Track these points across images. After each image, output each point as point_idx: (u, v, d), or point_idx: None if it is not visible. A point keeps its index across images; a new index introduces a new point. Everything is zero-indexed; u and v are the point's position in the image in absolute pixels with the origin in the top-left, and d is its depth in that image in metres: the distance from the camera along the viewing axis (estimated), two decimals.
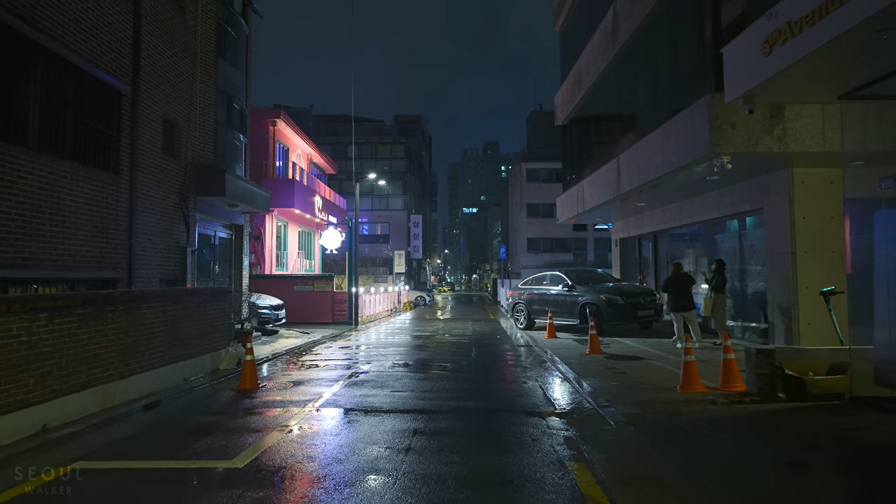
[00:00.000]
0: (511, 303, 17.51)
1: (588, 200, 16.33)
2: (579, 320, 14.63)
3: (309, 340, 14.00)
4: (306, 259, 26.65)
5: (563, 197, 19.85)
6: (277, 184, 20.87)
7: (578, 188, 17.50)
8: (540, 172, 45.28)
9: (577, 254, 44.71)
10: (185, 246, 10.14)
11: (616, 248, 20.07)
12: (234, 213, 12.70)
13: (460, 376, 8.91)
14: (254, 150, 21.11)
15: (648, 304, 14.11)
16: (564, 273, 15.77)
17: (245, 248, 13.42)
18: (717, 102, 8.79)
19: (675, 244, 15.86)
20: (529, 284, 16.90)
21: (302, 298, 18.92)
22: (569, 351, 11.47)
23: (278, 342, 13.35)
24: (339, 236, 18.97)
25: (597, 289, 14.53)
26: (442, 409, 6.64)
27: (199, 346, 8.80)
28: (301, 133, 24.40)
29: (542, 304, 15.94)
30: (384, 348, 12.53)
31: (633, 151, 12.53)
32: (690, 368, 7.33)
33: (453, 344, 13.34)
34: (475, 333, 16.13)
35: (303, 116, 43.04)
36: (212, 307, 9.21)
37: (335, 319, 18.96)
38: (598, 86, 15.77)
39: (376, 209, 45.30)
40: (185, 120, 10.28)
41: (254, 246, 20.82)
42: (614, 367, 9.35)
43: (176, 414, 6.60)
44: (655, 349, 11.31)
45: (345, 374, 9.03)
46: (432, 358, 10.90)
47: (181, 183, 10.09)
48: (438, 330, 17.27)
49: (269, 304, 14.47)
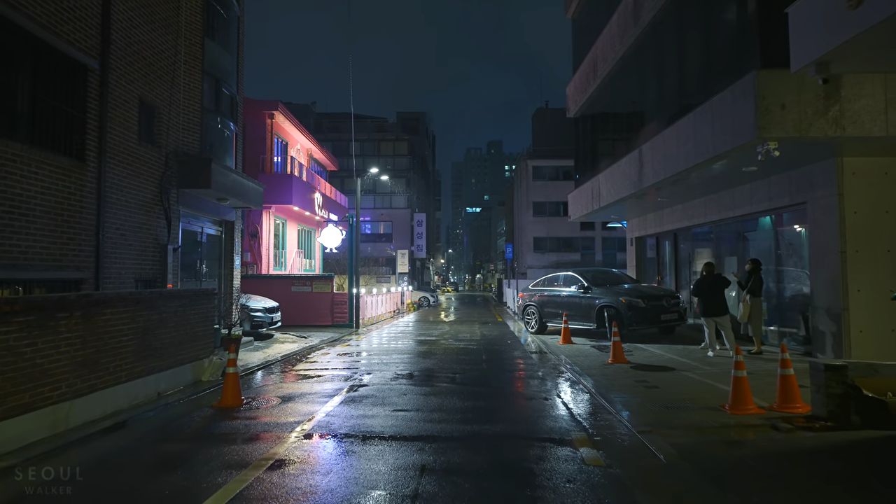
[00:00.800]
0: (521, 305, 16.49)
1: (604, 196, 15.28)
2: (596, 324, 13.60)
3: (305, 346, 13.00)
4: (306, 258, 25.66)
5: (576, 193, 18.80)
6: (275, 179, 19.89)
7: (593, 183, 16.45)
8: (546, 170, 44.22)
9: (585, 253, 43.63)
10: (165, 243, 9.14)
11: (631, 248, 19.02)
12: (224, 208, 11.71)
13: (471, 390, 7.88)
14: (250, 144, 20.15)
15: (672, 308, 13.07)
16: (579, 273, 14.73)
17: (236, 246, 12.43)
18: (764, 80, 7.74)
19: (699, 243, 14.80)
20: (541, 285, 15.87)
21: (300, 300, 17.92)
22: (588, 359, 10.44)
23: (272, 348, 12.34)
24: (339, 234, 17.99)
25: (615, 290, 13.49)
26: (453, 434, 5.62)
27: (177, 356, 7.80)
28: (300, 127, 23.42)
29: (555, 307, 14.92)
30: (386, 355, 11.51)
31: (657, 141, 11.49)
32: (742, 386, 6.30)
33: (461, 350, 12.31)
34: (483, 338, 15.11)
35: (304, 113, 42.09)
36: (193, 311, 8.21)
37: (335, 322, 17.96)
38: (615, 73, 14.72)
39: (379, 207, 44.29)
40: (165, 103, 9.29)
41: (250, 244, 19.84)
42: (644, 379, 8.32)
43: (141, 439, 5.60)
44: (684, 358, 10.27)
45: (342, 388, 8.01)
46: (439, 367, 9.87)
47: (161, 173, 9.10)
48: (444, 334, 16.25)
49: (263, 307, 13.47)
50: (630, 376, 8.60)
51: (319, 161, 28.64)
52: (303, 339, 14.37)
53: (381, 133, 46.08)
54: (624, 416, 6.18)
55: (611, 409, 6.56)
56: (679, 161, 10.36)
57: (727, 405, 6.39)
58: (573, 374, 8.99)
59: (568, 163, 45.41)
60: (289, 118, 21.47)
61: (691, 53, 10.65)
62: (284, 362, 10.60)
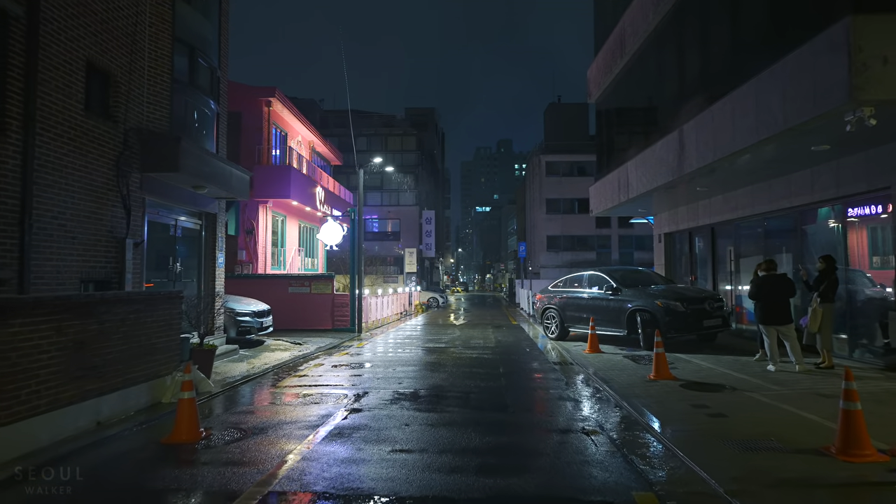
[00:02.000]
0: (539, 308, 14.91)
1: (634, 186, 13.65)
2: (627, 330, 12.00)
3: (298, 354, 11.51)
4: (308, 257, 24.23)
5: (599, 185, 17.18)
6: (272, 171, 18.45)
7: (620, 173, 14.83)
8: (560, 166, 42.55)
9: (601, 252, 41.91)
10: (123, 236, 7.67)
11: (659, 245, 17.37)
12: (203, 198, 10.24)
13: (490, 418, 6.33)
14: (246, 134, 18.73)
15: (715, 312, 11.43)
16: (606, 273, 13.12)
17: (219, 241, 10.95)
18: (860, 27, 6.12)
19: (743, 239, 13.13)
20: (562, 286, 14.28)
21: (297, 302, 16.46)
22: (625, 374, 8.85)
23: (260, 357, 10.86)
24: (340, 230, 16.51)
25: (649, 292, 11.88)
26: (471, 495, 4.07)
27: (127, 374, 6.32)
28: (301, 117, 21.98)
29: (578, 311, 13.33)
30: (389, 367, 9.99)
31: (704, 119, 9.86)
32: (857, 423, 4.70)
33: (474, 361, 10.76)
34: (498, 345, 13.54)
35: (309, 108, 40.68)
36: (150, 318, 6.73)
37: (335, 326, 16.47)
38: (647, 46, 13.09)
39: (386, 205, 42.77)
40: (124, 70, 7.82)
41: (245, 242, 18.42)
42: (702, 402, 6.73)
43: (43, 501, 4.11)
44: (740, 373, 8.65)
45: (330, 414, 6.49)
46: (449, 384, 8.32)
47: (118, 153, 7.62)
48: (455, 340, 14.70)
49: (252, 310, 12.00)
50: (683, 399, 7.01)
51: (323, 155, 27.20)
52: (297, 346, 12.88)
53: (389, 128, 44.54)
54: (697, 464, 4.60)
55: (676, 451, 4.97)
56: (734, 139, 8.74)
57: (833, 447, 4.80)
58: (611, 395, 7.41)
59: (583, 158, 43.79)
60: (288, 107, 20.02)
61: (750, 9, 9.00)
62: (269, 376, 9.10)
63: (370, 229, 42.60)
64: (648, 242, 42.70)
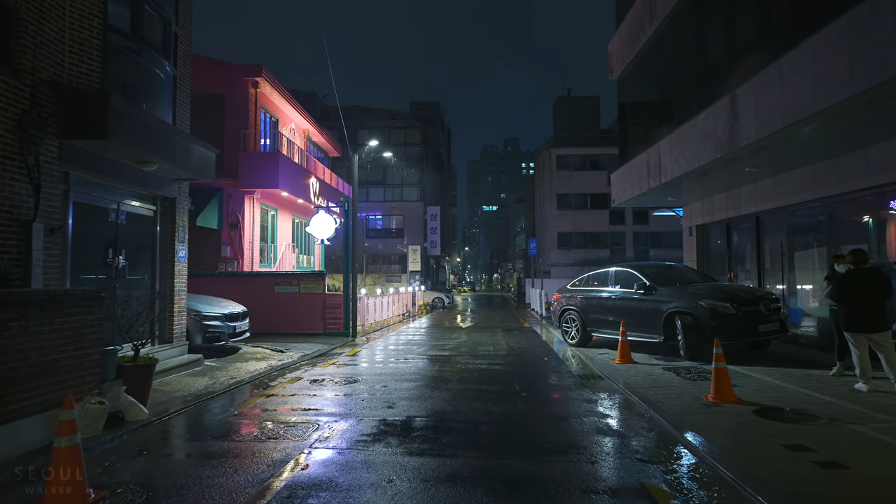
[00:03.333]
0: (557, 309, 13.08)
1: (668, 168, 11.80)
2: (663, 337, 10.17)
3: (276, 364, 9.76)
4: (303, 254, 22.51)
5: (622, 172, 15.33)
6: (259, 159, 16.72)
7: (650, 155, 12.98)
8: (571, 159, 40.65)
9: (615, 250, 39.97)
10: (29, 219, 5.93)
11: (689, 238, 15.49)
12: (159, 178, 8.50)
13: (510, 471, 4.51)
14: (230, 118, 17.02)
15: (771, 315, 9.58)
16: (637, 269, 11.27)
17: (180, 231, 9.21)
18: None
19: (798, 229, 11.25)
20: (584, 285, 12.45)
21: (285, 303, 14.72)
22: (671, 393, 7.04)
23: (228, 369, 9.11)
24: (332, 222, 14.76)
25: (690, 291, 10.03)
26: None
27: (6, 404, 4.57)
28: (294, 102, 20.25)
29: (603, 313, 11.51)
30: (380, 382, 8.21)
31: (769, 77, 8.01)
32: None
33: (484, 374, 8.96)
34: (511, 352, 11.73)
35: (309, 100, 39.01)
36: (49, 326, 4.98)
37: (327, 330, 14.71)
38: (684, 4, 11.23)
39: (389, 200, 40.96)
40: (32, 7, 6.08)
41: (230, 236, 16.71)
42: (797, 441, 4.90)
43: None
44: (821, 392, 6.80)
45: (285, 460, 4.71)
46: (453, 409, 6.52)
47: (21, 111, 5.88)
48: (461, 346, 12.90)
49: (222, 313, 10.24)
50: (767, 434, 5.18)
51: (320, 145, 25.46)
52: (278, 353, 11.13)
53: (392, 121, 42.71)
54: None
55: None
56: (815, 97, 6.88)
57: None
58: (665, 426, 5.60)
59: (595, 151, 41.89)
60: (278, 89, 18.28)
61: None
62: (229, 395, 7.33)
63: (373, 226, 40.87)
64: (666, 239, 40.83)
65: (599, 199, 40.03)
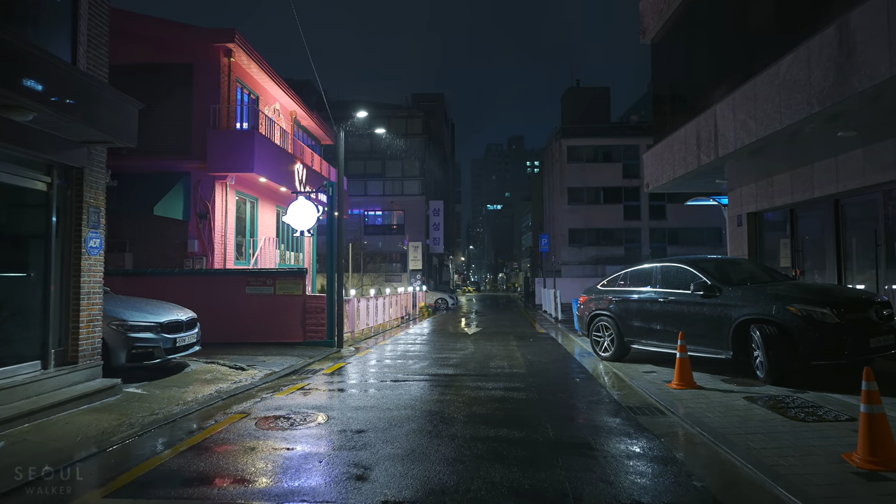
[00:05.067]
0: (584, 314, 10.70)
1: (732, 136, 9.37)
2: (732, 351, 7.78)
3: (228, 390, 7.40)
4: (289, 251, 20.16)
5: (659, 150, 12.90)
6: (230, 138, 14.36)
7: (702, 123, 10.56)
8: (583, 151, 38.19)
9: (630, 247, 37.52)
10: None
11: (739, 229, 13.05)
12: (54, 139, 6.15)
13: None
14: (199, 92, 14.66)
15: (884, 324, 7.18)
16: (691, 264, 8.87)
17: (91, 214, 6.85)
18: None
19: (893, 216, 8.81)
20: (618, 285, 10.07)
21: (257, 306, 12.36)
22: (785, 444, 4.68)
23: (156, 399, 6.75)
24: (313, 211, 12.41)
25: (770, 293, 7.62)
26: None
27: None
28: (279, 79, 17.89)
29: (647, 319, 9.14)
30: (357, 421, 5.83)
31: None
32: None
33: (501, 406, 6.56)
34: (531, 369, 9.34)
35: (305, 90, 36.65)
36: None
37: (308, 338, 12.35)
38: None
39: (389, 194, 38.48)
40: None
41: (198, 229, 14.37)
42: None
43: None
44: None
45: None
46: (460, 480, 4.13)
47: None
48: (468, 360, 10.52)
49: (158, 322, 7.84)
50: None
51: (310, 131, 23.11)
52: (237, 372, 8.78)
53: (393, 110, 40.24)
54: None
55: None
56: None
57: None
58: None
59: (608, 142, 39.37)
60: (257, 61, 15.92)
61: None
62: (121, 452, 4.96)
63: (372, 222, 38.47)
64: (684, 235, 38.35)
65: (613, 192, 37.61)
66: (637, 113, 48.70)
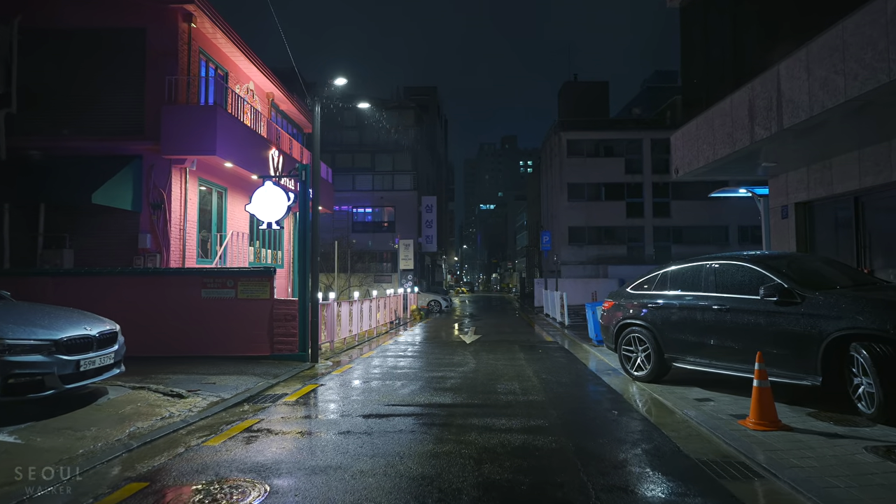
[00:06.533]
0: (611, 323, 8.75)
1: (804, 101, 7.44)
2: (821, 377, 5.86)
3: (145, 432, 5.39)
4: (267, 248, 18.11)
5: (695, 127, 10.97)
6: (188, 114, 12.30)
7: (757, 89, 8.63)
8: (584, 145, 36.30)
9: (632, 246, 35.68)
10: None
11: (785, 221, 11.16)
12: None
13: None
14: (152, 62, 12.56)
15: None
16: (757, 261, 6.94)
17: None
18: None
19: None
20: (657, 288, 8.13)
21: (215, 313, 10.32)
22: None
23: (30, 450, 4.72)
24: (282, 198, 10.40)
25: (878, 300, 5.71)
26: None
27: None
28: (252, 54, 15.87)
29: (698, 332, 7.24)
30: (312, 497, 3.83)
31: None
32: None
33: (518, 459, 4.58)
34: (550, 395, 7.37)
35: (289, 77, 34.50)
36: None
37: (276, 351, 10.32)
38: None
39: (379, 189, 36.38)
40: None
41: (151, 222, 12.31)
42: None
43: None
44: None
45: None
46: None
47: None
48: (469, 381, 8.54)
49: (52, 339, 5.77)
50: None
51: (290, 116, 21.05)
52: (173, 400, 6.75)
53: (383, 101, 38.09)
54: None
55: None
56: None
57: None
58: None
59: (609, 135, 37.48)
60: (225, 30, 13.87)
61: None
62: None
63: (361, 219, 36.39)
64: (689, 233, 36.52)
65: (615, 189, 35.77)
66: (639, 106, 46.92)
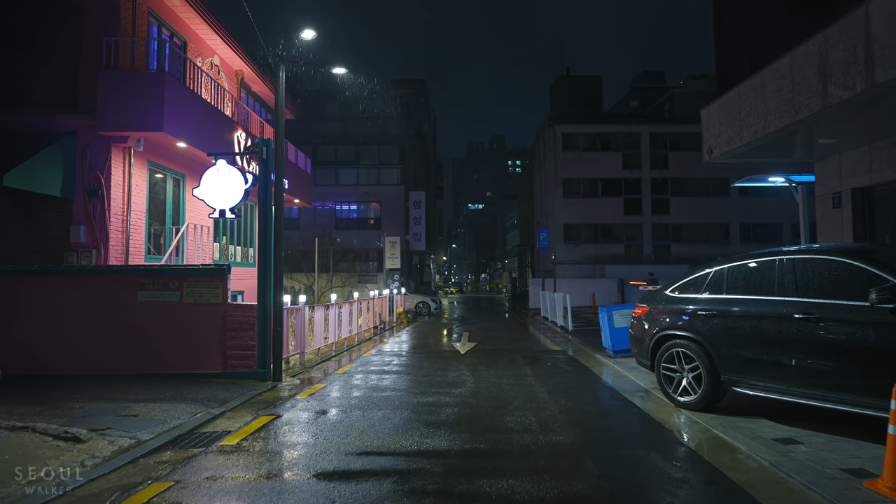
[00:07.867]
0: (646, 334, 6.98)
1: None
2: None
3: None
4: (237, 245, 16.13)
5: (741, 93, 9.20)
6: (129, 81, 10.33)
7: (835, 38, 6.90)
8: (579, 138, 34.64)
9: (630, 244, 34.09)
10: None
11: (837, 211, 9.48)
12: None
13: None
14: (88, 20, 10.56)
15: None
16: (857, 256, 5.18)
17: None
18: None
19: None
20: (708, 290, 6.37)
21: (156, 320, 8.38)
22: None
23: None
24: (238, 181, 8.50)
25: None
26: None
27: None
28: (214, 21, 13.89)
29: (773, 348, 5.49)
30: None
31: None
32: None
33: None
34: (578, 433, 5.54)
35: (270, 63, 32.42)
36: None
37: (230, 368, 8.40)
38: None
39: (364, 184, 34.40)
40: None
41: (86, 210, 10.34)
42: None
43: None
44: None
45: None
46: None
47: None
48: (469, 410, 6.70)
49: None
50: None
51: (262, 98, 19.06)
52: (63, 447, 4.84)
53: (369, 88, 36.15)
54: None
55: None
56: None
57: None
58: None
59: (606, 129, 35.82)
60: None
61: None
62: None
63: (345, 216, 34.42)
64: (688, 231, 34.98)
65: (612, 184, 34.17)
66: (636, 99, 45.44)
